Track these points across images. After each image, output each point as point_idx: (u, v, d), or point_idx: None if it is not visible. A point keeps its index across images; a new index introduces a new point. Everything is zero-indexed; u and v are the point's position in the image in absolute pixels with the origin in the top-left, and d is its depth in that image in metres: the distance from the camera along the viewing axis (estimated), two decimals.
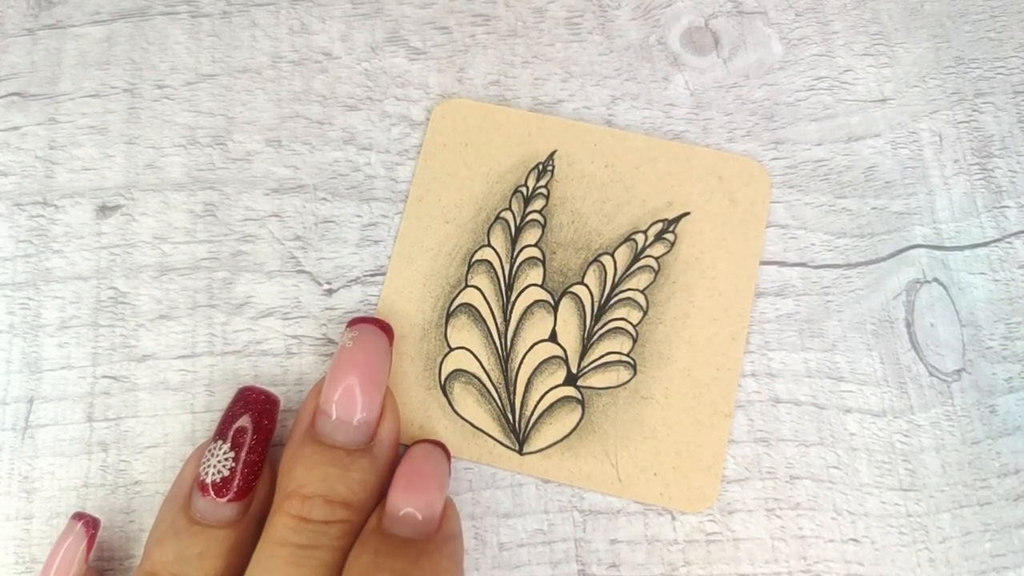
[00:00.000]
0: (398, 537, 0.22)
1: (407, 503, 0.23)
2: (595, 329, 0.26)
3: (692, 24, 0.30)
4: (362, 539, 0.22)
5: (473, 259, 0.27)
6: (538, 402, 0.26)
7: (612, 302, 0.26)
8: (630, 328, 0.26)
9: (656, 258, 0.27)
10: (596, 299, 0.26)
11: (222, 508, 0.23)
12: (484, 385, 0.26)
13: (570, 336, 0.26)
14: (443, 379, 0.26)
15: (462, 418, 0.26)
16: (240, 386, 0.25)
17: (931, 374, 0.26)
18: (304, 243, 0.28)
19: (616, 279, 0.27)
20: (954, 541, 0.25)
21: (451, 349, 0.26)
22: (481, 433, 0.26)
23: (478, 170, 0.28)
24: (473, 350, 0.26)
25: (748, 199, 0.27)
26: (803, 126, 0.28)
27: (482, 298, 0.27)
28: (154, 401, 0.26)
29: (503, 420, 0.26)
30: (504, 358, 0.26)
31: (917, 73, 0.29)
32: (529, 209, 0.27)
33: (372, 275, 0.27)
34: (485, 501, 0.25)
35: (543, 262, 0.27)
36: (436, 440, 0.25)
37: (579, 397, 0.26)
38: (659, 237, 0.27)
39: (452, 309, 0.27)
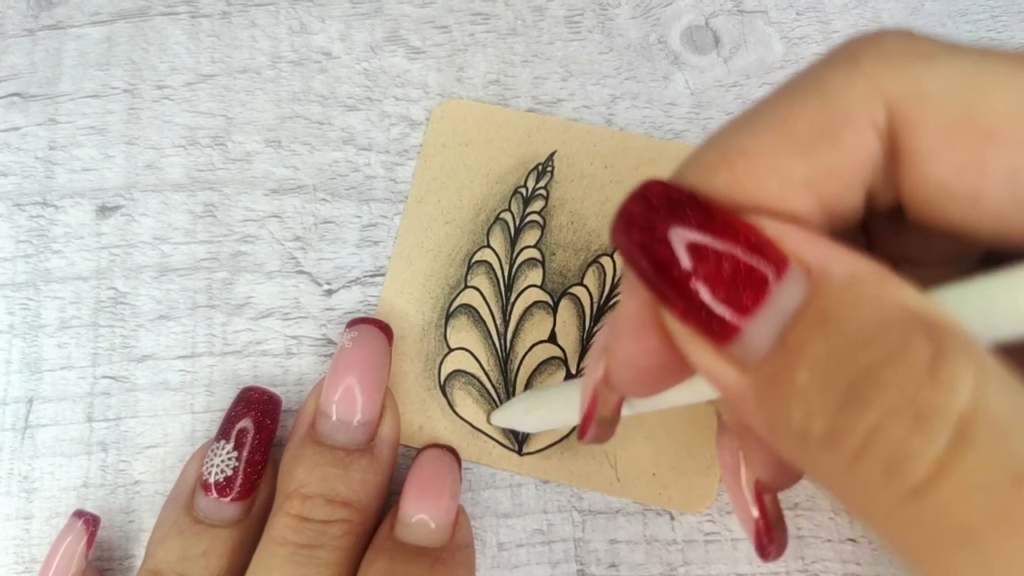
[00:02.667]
0: (413, 545, 0.22)
1: (419, 510, 0.23)
2: (595, 330, 0.26)
3: (692, 23, 0.30)
4: (376, 545, 0.22)
5: (473, 260, 0.27)
6: None
7: (612, 303, 0.26)
8: None
9: None
10: (595, 300, 0.26)
11: (225, 507, 0.23)
12: (484, 386, 0.26)
13: (570, 337, 0.26)
14: (443, 380, 0.26)
15: (462, 419, 0.26)
16: (241, 386, 0.25)
17: None
18: (304, 243, 0.28)
19: (616, 280, 0.27)
20: None
21: (451, 350, 0.26)
22: (480, 434, 0.26)
23: (478, 171, 0.28)
24: (473, 351, 0.26)
25: None
26: None
27: (482, 299, 0.27)
28: (154, 401, 0.27)
29: None
30: (504, 359, 0.26)
31: None
32: (528, 210, 0.27)
33: (372, 276, 0.27)
34: (484, 501, 0.26)
35: (542, 263, 0.27)
36: (445, 444, 0.25)
37: None
38: None
39: (452, 310, 0.27)
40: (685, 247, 0.13)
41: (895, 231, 0.17)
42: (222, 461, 0.23)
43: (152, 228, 0.28)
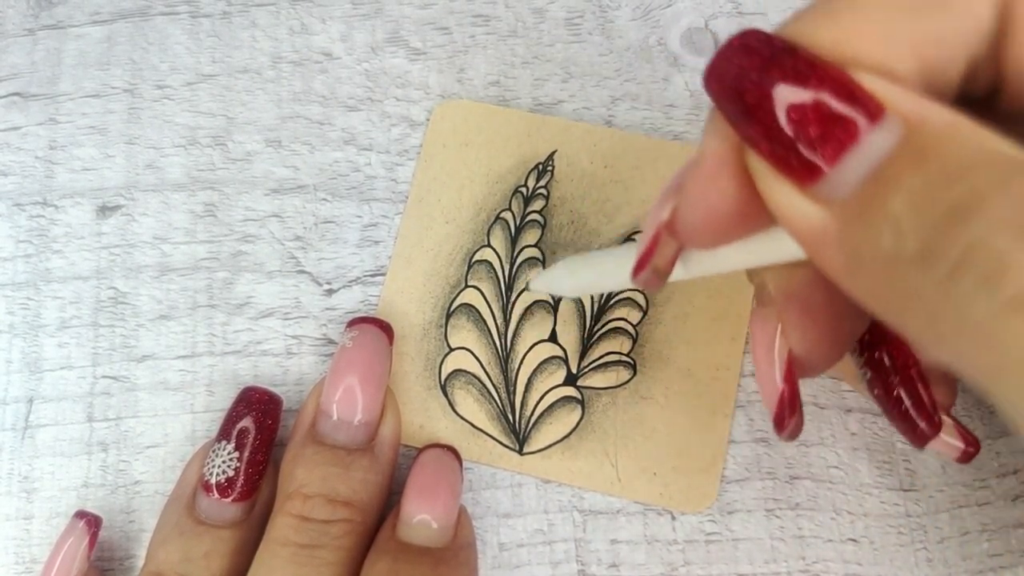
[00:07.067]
0: (416, 545, 0.22)
1: (420, 510, 0.23)
2: (595, 329, 0.26)
3: (692, 25, 0.30)
4: (379, 545, 0.22)
5: (473, 259, 0.27)
6: (538, 402, 0.26)
7: (612, 302, 0.27)
8: (630, 328, 0.26)
9: None
10: (596, 299, 0.27)
11: (227, 508, 0.23)
12: (484, 385, 0.26)
13: (570, 336, 0.26)
14: (443, 379, 0.26)
15: (462, 418, 0.26)
16: (241, 386, 0.25)
17: None
18: (304, 243, 0.28)
19: None
20: (952, 541, 0.25)
21: (451, 349, 0.26)
22: (481, 433, 0.26)
23: (478, 171, 0.28)
24: (473, 350, 0.26)
25: None
26: None
27: (482, 298, 0.27)
28: (154, 401, 0.26)
29: (503, 420, 0.26)
30: (504, 358, 0.26)
31: None
32: (529, 209, 0.27)
33: (372, 275, 0.27)
34: (485, 501, 0.26)
35: (543, 262, 0.27)
36: (446, 444, 0.25)
37: (579, 397, 0.26)
38: None
39: (452, 309, 0.27)
40: (779, 89, 0.13)
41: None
42: (223, 462, 0.23)
43: (152, 228, 0.28)
